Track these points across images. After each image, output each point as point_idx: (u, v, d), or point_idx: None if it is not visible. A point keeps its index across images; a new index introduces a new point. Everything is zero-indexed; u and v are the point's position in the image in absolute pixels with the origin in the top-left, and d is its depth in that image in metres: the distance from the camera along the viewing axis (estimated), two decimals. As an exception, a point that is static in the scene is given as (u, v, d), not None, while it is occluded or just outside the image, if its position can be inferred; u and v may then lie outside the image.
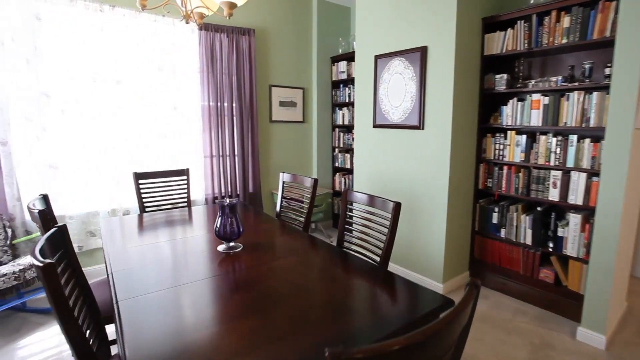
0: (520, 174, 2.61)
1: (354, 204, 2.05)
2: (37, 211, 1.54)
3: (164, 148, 3.40)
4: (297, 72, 4.18)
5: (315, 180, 2.48)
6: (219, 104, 3.60)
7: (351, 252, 1.91)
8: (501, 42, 2.61)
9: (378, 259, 1.77)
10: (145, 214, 2.54)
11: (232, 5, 1.69)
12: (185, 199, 2.98)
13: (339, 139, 4.35)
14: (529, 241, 2.59)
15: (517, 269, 2.70)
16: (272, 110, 4.05)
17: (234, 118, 3.72)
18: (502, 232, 2.74)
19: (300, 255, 1.70)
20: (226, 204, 1.75)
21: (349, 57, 4.06)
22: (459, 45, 2.52)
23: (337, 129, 4.37)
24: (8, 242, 2.62)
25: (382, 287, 1.40)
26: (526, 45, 2.48)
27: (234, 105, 3.69)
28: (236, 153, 3.80)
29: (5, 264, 2.51)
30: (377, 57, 3.06)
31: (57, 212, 2.95)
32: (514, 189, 2.65)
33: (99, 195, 3.11)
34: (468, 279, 2.95)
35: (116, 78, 3.05)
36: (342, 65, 4.13)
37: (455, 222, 2.76)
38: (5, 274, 2.30)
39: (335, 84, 4.31)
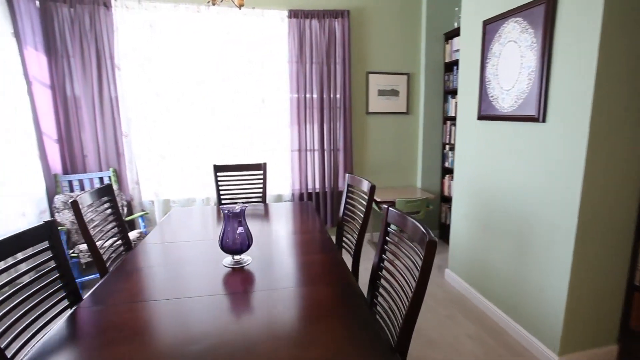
0: None
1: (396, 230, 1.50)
2: (70, 201, 1.68)
3: (252, 141, 3.46)
4: (401, 55, 3.58)
5: (372, 187, 2.00)
6: (307, 95, 3.42)
7: (379, 303, 1.40)
8: None
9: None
10: (211, 207, 2.59)
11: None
12: (261, 194, 2.93)
13: (450, 134, 3.54)
14: None
15: None
16: (369, 101, 3.61)
17: (324, 110, 3.47)
18: (688, 299, 1.59)
19: (299, 289, 1.32)
20: (226, 211, 1.53)
21: (468, 30, 3.20)
22: (615, -18, 1.53)
23: (448, 122, 3.57)
24: (123, 218, 3.14)
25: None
26: None
27: (324, 96, 3.44)
28: (325, 148, 3.56)
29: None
30: (485, 23, 2.24)
31: (164, 196, 3.38)
32: None
33: (196, 184, 3.42)
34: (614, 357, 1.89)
35: (211, 74, 3.24)
36: (457, 42, 3.30)
37: (591, 265, 1.77)
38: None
39: (448, 67, 3.50)
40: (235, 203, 2.91)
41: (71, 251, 2.64)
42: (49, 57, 2.95)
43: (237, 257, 1.58)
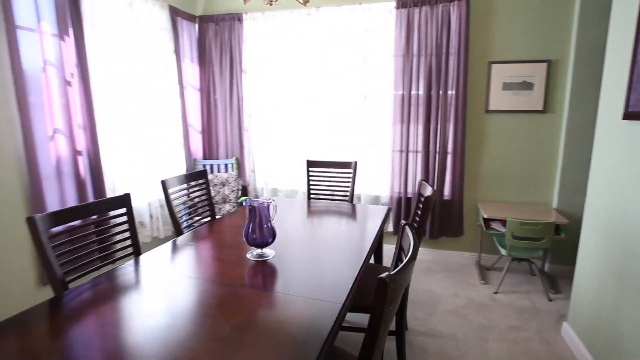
0: None
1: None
2: (161, 180, 2.09)
3: (354, 140, 3.43)
4: (540, 36, 2.82)
5: (429, 197, 1.70)
6: (412, 91, 3.13)
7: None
8: None
9: None
10: (300, 201, 2.72)
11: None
12: (348, 193, 2.89)
13: (608, 140, 2.58)
14: None
15: None
16: (490, 97, 3.01)
17: (432, 107, 3.11)
18: None
19: (280, 298, 1.27)
20: (247, 204, 1.58)
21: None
22: None
23: (606, 123, 2.60)
24: (237, 200, 3.66)
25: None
26: None
27: (432, 91, 3.08)
28: (431, 150, 3.19)
29: (231, 215, 3.53)
30: (639, -22, 1.52)
31: (272, 185, 3.76)
32: None
33: (299, 177, 3.65)
34: None
35: (320, 74, 3.38)
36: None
37: None
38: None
39: (612, 47, 2.53)
40: (324, 199, 2.96)
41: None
42: (200, 67, 3.70)
43: (258, 251, 1.62)
